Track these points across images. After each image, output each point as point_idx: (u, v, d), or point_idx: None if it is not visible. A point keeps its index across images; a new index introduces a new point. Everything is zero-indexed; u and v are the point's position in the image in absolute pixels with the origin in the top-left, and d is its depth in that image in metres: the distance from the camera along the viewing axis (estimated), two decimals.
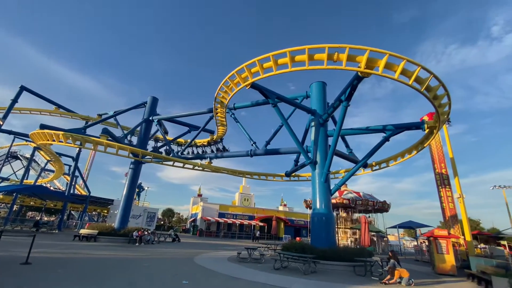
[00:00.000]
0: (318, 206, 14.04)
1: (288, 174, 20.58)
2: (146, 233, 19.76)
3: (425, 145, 16.19)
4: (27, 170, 32.35)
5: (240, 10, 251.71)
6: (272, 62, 12.21)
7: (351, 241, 26.66)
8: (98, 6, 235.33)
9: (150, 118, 23.20)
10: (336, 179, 22.00)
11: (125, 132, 22.62)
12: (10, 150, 34.55)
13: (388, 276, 9.51)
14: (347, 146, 18.87)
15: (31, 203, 35.56)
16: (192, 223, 46.06)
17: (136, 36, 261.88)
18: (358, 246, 21.57)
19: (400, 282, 9.27)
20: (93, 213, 49.99)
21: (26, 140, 31.54)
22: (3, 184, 36.15)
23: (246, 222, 42.09)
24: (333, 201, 26.81)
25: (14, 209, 31.34)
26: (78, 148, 30.47)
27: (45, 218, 44.71)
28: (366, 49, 10.34)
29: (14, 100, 23.83)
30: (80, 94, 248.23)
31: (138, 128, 23.39)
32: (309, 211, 27.68)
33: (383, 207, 28.16)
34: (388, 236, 32.42)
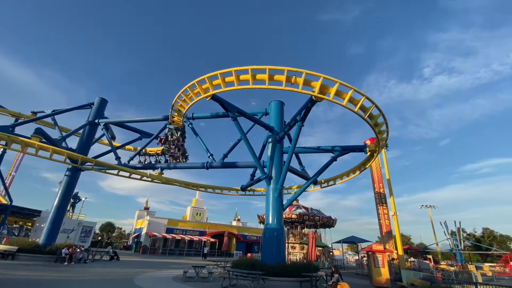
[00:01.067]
0: (270, 221, 14.22)
1: (244, 188, 20.55)
2: (78, 250, 17.40)
3: (366, 166, 17.90)
4: None
5: (209, 21, 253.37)
6: (234, 77, 12.41)
7: (300, 256, 27.36)
8: None
9: (96, 121, 21.14)
10: (289, 194, 22.70)
11: (64, 134, 20.16)
12: None
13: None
14: (300, 163, 19.81)
15: None
16: (136, 239, 42.16)
17: (88, 29, 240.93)
18: (305, 261, 22.21)
19: None
20: (14, 225, 42.31)
21: None
22: None
23: (196, 238, 40.15)
24: (285, 216, 27.48)
25: None
26: (2, 149, 25.94)
27: None
28: (320, 76, 11.26)
29: None
30: (16, 88, 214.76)
31: (81, 131, 21.09)
32: (262, 226, 27.79)
33: (330, 223, 29.82)
34: (333, 250, 34.20)
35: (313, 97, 11.91)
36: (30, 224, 38.72)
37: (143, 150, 21.98)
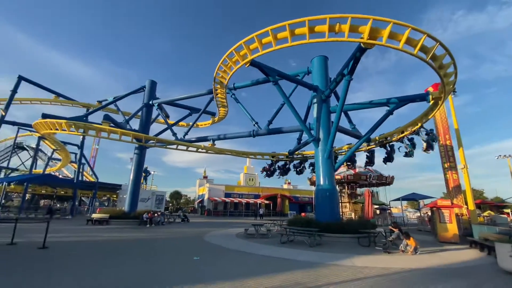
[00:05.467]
0: (321, 182, 14.20)
1: (291, 153, 20.67)
2: (156, 214, 20.41)
3: (429, 117, 15.87)
4: (34, 160, 32.95)
5: None
6: (271, 36, 11.73)
7: (355, 215, 27.27)
8: None
9: (150, 102, 23.08)
10: (340, 155, 22.02)
11: (126, 117, 22.62)
12: (16, 141, 34.98)
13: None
14: (350, 121, 18.69)
15: (43, 191, 36.56)
16: (200, 204, 47.45)
17: (126, 15, 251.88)
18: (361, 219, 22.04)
19: (403, 251, 9.59)
20: (103, 198, 51.49)
21: (30, 131, 31.98)
22: (13, 174, 37.04)
23: (251, 201, 43.12)
24: (337, 177, 27.10)
25: (26, 198, 32.29)
26: (81, 136, 30.69)
27: (58, 205, 46.09)
28: (369, 18, 9.85)
29: (14, 91, 23.65)
30: (79, 82, 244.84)
31: (139, 113, 23.35)
32: (313, 188, 28.09)
33: (386, 181, 28.49)
34: (391, 208, 33.04)
35: (361, 44, 10.61)
36: (115, 196, 46.49)
37: (195, 124, 23.41)
